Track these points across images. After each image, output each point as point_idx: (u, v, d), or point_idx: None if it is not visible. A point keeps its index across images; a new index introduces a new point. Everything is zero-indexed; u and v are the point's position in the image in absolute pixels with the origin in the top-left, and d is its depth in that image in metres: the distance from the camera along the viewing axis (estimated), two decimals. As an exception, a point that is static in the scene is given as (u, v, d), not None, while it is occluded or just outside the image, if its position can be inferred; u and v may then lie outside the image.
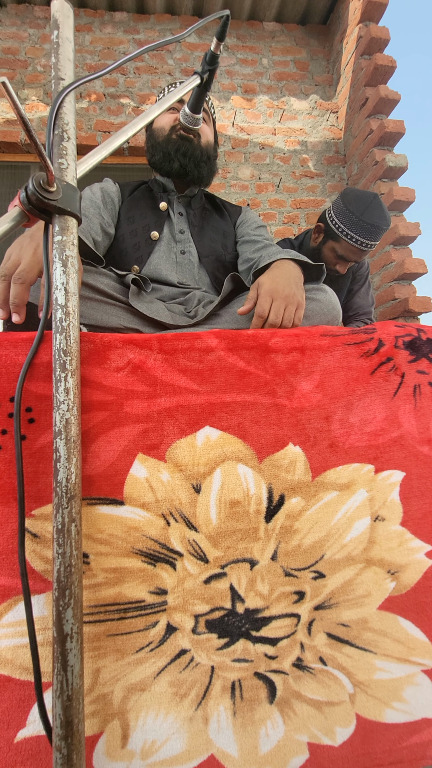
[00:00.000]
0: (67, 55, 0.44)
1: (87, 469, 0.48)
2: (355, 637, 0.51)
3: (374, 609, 0.51)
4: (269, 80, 2.56)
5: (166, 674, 0.46)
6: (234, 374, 0.53)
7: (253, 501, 0.50)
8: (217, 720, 0.46)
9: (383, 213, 1.27)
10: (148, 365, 0.51)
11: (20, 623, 0.45)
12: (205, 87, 0.68)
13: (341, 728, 0.49)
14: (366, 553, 0.51)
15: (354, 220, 1.27)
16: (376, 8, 2.19)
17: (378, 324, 0.58)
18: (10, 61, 2.34)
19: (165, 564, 0.48)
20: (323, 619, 0.50)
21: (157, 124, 0.98)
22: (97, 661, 0.46)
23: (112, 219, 0.93)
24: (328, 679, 0.49)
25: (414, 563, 0.52)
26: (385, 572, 0.51)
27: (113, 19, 2.50)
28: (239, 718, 0.47)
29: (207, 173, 0.98)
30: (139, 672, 0.46)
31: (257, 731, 0.47)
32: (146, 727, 0.45)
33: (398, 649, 0.51)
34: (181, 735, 0.45)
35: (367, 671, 0.50)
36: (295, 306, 0.63)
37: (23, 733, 0.43)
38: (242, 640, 0.48)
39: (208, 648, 0.48)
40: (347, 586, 0.51)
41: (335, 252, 1.36)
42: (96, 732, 0.44)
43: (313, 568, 0.50)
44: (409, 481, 0.53)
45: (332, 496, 0.51)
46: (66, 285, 0.43)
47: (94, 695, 0.45)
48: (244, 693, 0.47)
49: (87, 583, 0.47)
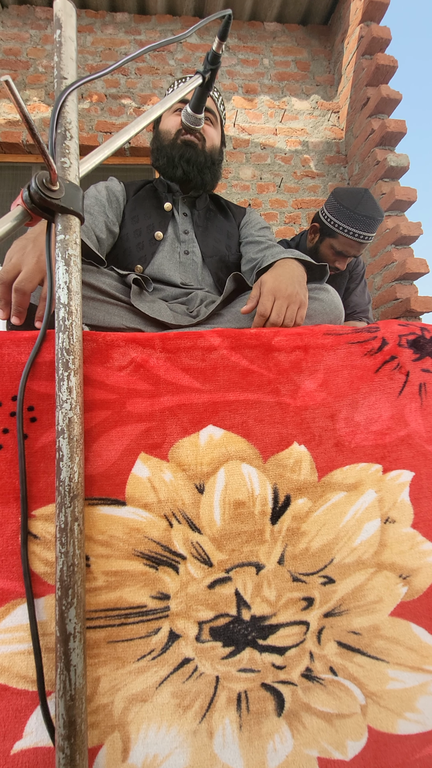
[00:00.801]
0: (70, 54, 0.45)
1: (88, 468, 0.47)
2: (367, 645, 0.48)
3: (386, 615, 0.49)
4: (270, 80, 2.57)
5: (169, 684, 0.44)
6: (237, 373, 0.52)
7: (258, 502, 0.49)
8: (223, 734, 0.44)
9: (375, 205, 1.30)
10: (150, 364, 0.50)
11: (17, 629, 0.43)
12: (207, 86, 0.69)
13: (352, 741, 0.46)
14: (377, 557, 0.49)
15: (349, 214, 1.29)
16: (377, 8, 2.20)
17: (381, 323, 0.57)
18: (11, 62, 2.35)
19: (167, 567, 0.47)
20: (333, 626, 0.48)
21: (163, 126, 0.98)
22: (96, 669, 0.44)
23: (117, 218, 0.93)
24: (338, 690, 0.47)
25: (426, 567, 0.50)
26: (396, 576, 0.50)
27: (114, 20, 2.51)
28: (246, 732, 0.44)
29: (211, 179, 0.98)
30: (140, 681, 0.44)
31: (264, 746, 0.44)
32: (148, 740, 0.43)
33: (411, 658, 0.49)
34: (184, 749, 0.43)
35: (379, 681, 0.48)
36: (297, 305, 0.63)
37: (20, 745, 0.41)
38: (248, 649, 0.46)
39: (212, 657, 0.46)
40: (358, 592, 0.49)
41: (333, 249, 1.37)
42: (96, 744, 0.42)
43: (322, 573, 0.49)
44: (419, 481, 0.51)
45: (340, 497, 0.50)
46: (69, 284, 0.43)
47: (93, 705, 0.43)
48: (250, 705, 0.45)
49: (87, 586, 0.45)
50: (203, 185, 0.98)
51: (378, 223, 1.31)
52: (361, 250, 1.37)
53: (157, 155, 0.99)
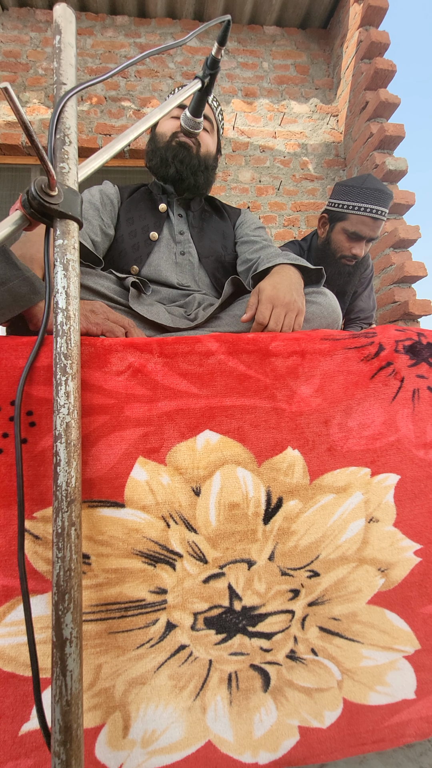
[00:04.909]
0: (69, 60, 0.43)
1: (88, 472, 0.48)
2: (345, 629, 0.53)
3: (364, 603, 0.54)
4: (270, 84, 2.56)
5: (166, 668, 0.48)
6: (234, 378, 0.53)
7: (252, 504, 0.51)
8: (215, 709, 0.49)
9: (381, 182, 1.25)
10: (148, 369, 0.50)
11: (23, 622, 0.46)
12: (206, 91, 0.68)
13: (329, 711, 0.52)
14: (359, 553, 0.53)
15: (357, 191, 1.24)
16: (377, 13, 2.21)
17: (378, 328, 0.58)
18: (11, 64, 2.35)
19: (165, 564, 0.49)
20: (316, 614, 0.52)
21: (160, 129, 0.98)
22: (98, 657, 0.47)
23: (111, 221, 0.93)
24: (318, 668, 0.52)
25: (403, 561, 0.54)
26: (375, 570, 0.54)
27: (114, 23, 2.52)
28: (235, 707, 0.49)
29: (203, 182, 0.97)
30: (139, 667, 0.48)
31: (252, 717, 0.50)
32: (147, 717, 0.47)
33: (383, 639, 0.54)
34: (180, 724, 0.48)
35: (354, 659, 0.53)
36: (295, 313, 0.63)
37: (27, 727, 0.45)
38: (239, 636, 0.50)
39: (206, 643, 0.50)
40: (340, 584, 0.53)
41: (346, 232, 1.29)
42: (98, 724, 0.46)
43: (308, 568, 0.52)
44: (404, 484, 0.54)
45: (329, 499, 0.53)
46: (67, 288, 0.42)
47: (96, 689, 0.47)
48: (240, 683, 0.50)
49: (89, 583, 0.47)
50: (196, 187, 0.97)
51: (389, 198, 1.24)
52: (377, 230, 1.28)
53: (151, 156, 0.98)
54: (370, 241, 1.33)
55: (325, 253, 1.39)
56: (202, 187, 0.98)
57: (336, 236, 1.33)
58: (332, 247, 1.36)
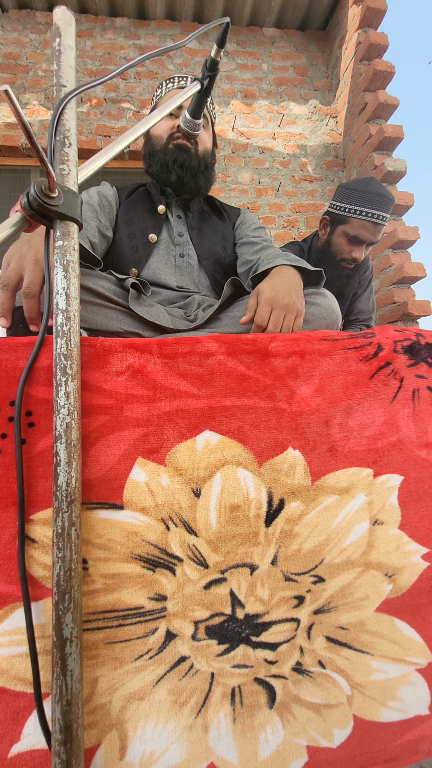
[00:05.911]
0: (69, 63, 0.45)
1: (86, 473, 0.47)
2: (353, 639, 0.51)
3: (372, 611, 0.52)
4: (269, 85, 2.60)
5: (166, 682, 0.46)
6: (234, 378, 0.53)
7: (253, 505, 0.50)
8: (217, 727, 0.46)
9: (384, 187, 1.26)
10: (148, 369, 0.50)
11: (16, 632, 0.44)
12: (205, 93, 0.69)
13: (339, 730, 0.49)
14: (365, 557, 0.52)
15: (359, 195, 1.25)
16: (375, 14, 2.23)
17: (377, 328, 0.59)
18: (11, 66, 2.37)
19: (164, 569, 0.48)
20: (322, 622, 0.50)
21: (154, 130, 0.97)
22: (95, 670, 0.45)
23: (110, 222, 0.93)
24: (326, 682, 0.50)
25: (410, 566, 0.53)
26: (382, 575, 0.52)
27: (114, 25, 2.53)
28: (239, 725, 0.46)
29: (204, 183, 0.98)
30: (137, 680, 0.45)
31: (257, 737, 0.47)
32: (145, 737, 0.44)
33: (394, 650, 0.52)
34: (180, 744, 0.45)
35: (364, 672, 0.51)
36: (294, 315, 0.64)
37: (17, 748, 0.42)
38: (242, 646, 0.48)
39: (207, 654, 0.47)
40: (346, 590, 0.51)
41: (347, 235, 1.30)
42: (94, 744, 0.43)
43: (312, 573, 0.50)
44: (408, 484, 0.53)
45: (332, 500, 0.52)
46: (67, 290, 0.43)
47: (91, 705, 0.44)
48: (244, 699, 0.47)
49: (85, 589, 0.46)
50: (197, 189, 0.97)
51: (390, 203, 1.25)
52: (377, 234, 1.29)
53: (150, 161, 0.98)
54: (370, 245, 1.34)
55: (325, 254, 1.40)
56: (203, 188, 0.98)
57: (336, 239, 1.35)
58: (332, 249, 1.37)
